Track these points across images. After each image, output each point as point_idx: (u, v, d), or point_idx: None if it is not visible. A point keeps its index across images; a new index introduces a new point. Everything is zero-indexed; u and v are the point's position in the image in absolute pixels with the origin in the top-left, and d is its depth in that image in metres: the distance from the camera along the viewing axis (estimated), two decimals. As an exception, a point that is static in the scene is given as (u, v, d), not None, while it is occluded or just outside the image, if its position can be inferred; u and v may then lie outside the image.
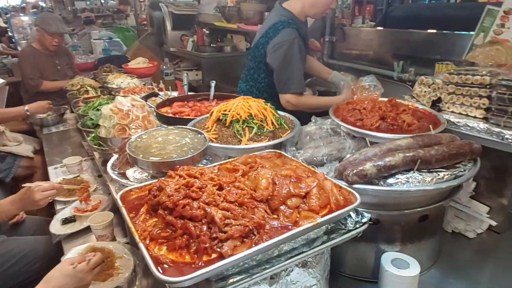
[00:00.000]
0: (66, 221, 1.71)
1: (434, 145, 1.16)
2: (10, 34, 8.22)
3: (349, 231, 1.03)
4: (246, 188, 0.99)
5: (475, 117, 1.48)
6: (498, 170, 1.49)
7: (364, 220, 1.04)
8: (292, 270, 0.99)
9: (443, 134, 1.27)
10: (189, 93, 2.62)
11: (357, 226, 1.03)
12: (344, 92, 2.15)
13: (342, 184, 1.07)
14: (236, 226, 0.86)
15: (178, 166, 1.06)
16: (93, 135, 1.96)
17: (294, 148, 1.42)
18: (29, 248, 1.80)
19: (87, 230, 1.63)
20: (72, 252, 1.43)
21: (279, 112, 1.61)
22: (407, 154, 1.10)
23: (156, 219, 0.92)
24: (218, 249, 0.83)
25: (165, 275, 0.75)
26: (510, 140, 1.33)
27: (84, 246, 1.44)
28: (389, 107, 1.52)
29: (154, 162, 1.17)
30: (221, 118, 1.44)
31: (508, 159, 1.43)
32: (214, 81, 2.27)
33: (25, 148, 3.06)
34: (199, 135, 1.33)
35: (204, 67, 4.01)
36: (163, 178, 1.01)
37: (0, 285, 1.65)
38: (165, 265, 0.80)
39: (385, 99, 1.61)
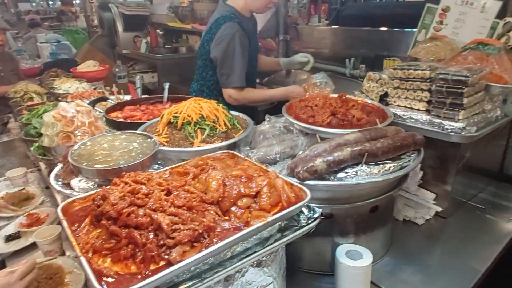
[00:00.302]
0: (10, 238, 1.59)
1: (380, 138, 1.21)
2: None
3: (302, 227, 1.03)
4: (196, 191, 0.97)
5: (418, 109, 1.56)
6: (442, 159, 1.57)
7: (316, 215, 1.05)
8: (247, 271, 0.99)
9: (389, 127, 1.32)
10: (142, 96, 2.54)
11: (309, 222, 1.04)
12: (291, 86, 2.20)
13: (294, 181, 1.08)
14: (185, 231, 0.84)
15: (124, 173, 1.01)
16: (37, 144, 1.84)
17: (248, 148, 1.42)
18: (-31, 270, 1.66)
19: (35, 246, 1.52)
20: (16, 271, 1.33)
21: (232, 112, 1.60)
22: (355, 148, 1.13)
23: (100, 230, 0.87)
24: (166, 256, 0.80)
25: (109, 289, 0.71)
26: (450, 130, 1.41)
27: (29, 263, 1.34)
28: (340, 103, 1.55)
29: (99, 170, 1.11)
30: (172, 120, 1.40)
31: (449, 148, 1.52)
32: (168, 83, 2.21)
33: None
34: (149, 139, 1.29)
35: (160, 69, 3.90)
36: (107, 187, 0.97)
37: None
38: (109, 278, 0.76)
39: (336, 95, 1.65)
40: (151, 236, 0.82)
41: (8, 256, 1.53)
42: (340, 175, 1.14)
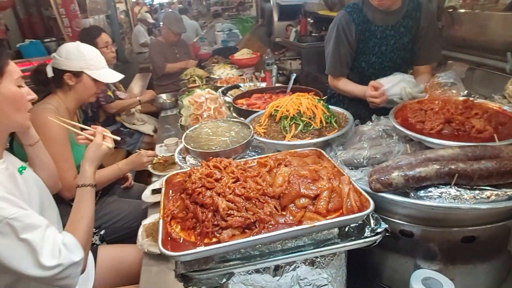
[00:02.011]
0: (155, 191, 2.07)
1: (487, 158, 1.00)
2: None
3: (363, 238, 1.00)
4: (262, 183, 1.07)
5: None
6: None
7: (380, 230, 1.00)
8: (299, 266, 1.03)
9: (509, 146, 1.07)
10: (276, 85, 2.75)
11: (372, 235, 1.00)
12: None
13: (364, 190, 1.04)
14: (237, 217, 0.95)
15: (211, 158, 1.20)
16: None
17: (341, 147, 1.40)
18: (131, 209, 2.25)
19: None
20: (150, 218, 1.76)
21: (338, 109, 1.60)
22: (443, 167, 0.98)
23: (180, 202, 1.08)
24: (218, 235, 0.94)
25: (166, 249, 0.90)
26: None
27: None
28: (461, 109, 1.33)
29: (201, 152, 1.34)
30: (273, 113, 1.52)
31: None
32: (294, 74, 2.33)
33: (147, 127, 3.72)
34: (248, 129, 1.44)
35: (304, 57, 4.02)
36: (196, 167, 1.17)
37: (108, 235, 2.13)
38: (173, 241, 0.96)
39: (462, 99, 1.41)
40: (210, 215, 0.97)
41: (151, 205, 2.01)
42: (422, 193, 1.03)
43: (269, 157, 1.26)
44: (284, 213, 1.02)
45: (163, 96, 3.89)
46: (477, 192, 0.97)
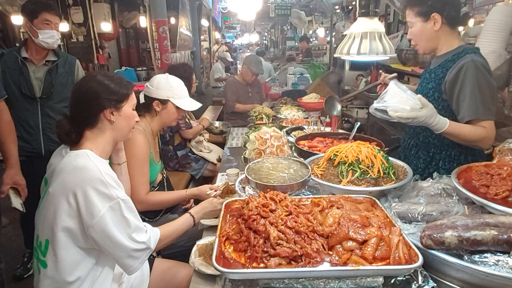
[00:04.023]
0: (211, 216, 2.21)
1: (553, 232, 0.96)
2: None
3: (408, 293, 1.00)
4: (313, 221, 1.13)
5: None
6: None
7: (426, 287, 0.99)
8: (338, 307, 1.05)
9: None
10: (339, 131, 2.81)
11: (418, 291, 1.00)
12: None
13: (414, 244, 1.05)
14: (286, 248, 1.03)
15: (268, 190, 1.30)
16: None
17: (396, 200, 1.41)
18: (188, 229, 2.40)
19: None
20: (204, 239, 1.88)
21: (398, 162, 1.61)
22: (501, 234, 0.96)
23: (235, 225, 1.19)
24: (266, 261, 1.02)
25: (218, 265, 1.00)
26: None
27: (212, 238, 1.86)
28: (532, 178, 1.28)
29: (260, 184, 1.45)
30: (332, 157, 1.59)
31: None
32: (359, 123, 2.38)
33: (212, 155, 3.96)
34: (306, 169, 1.53)
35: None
36: (254, 196, 1.28)
37: (165, 249, 2.29)
38: (225, 259, 1.05)
39: (535, 169, 1.35)
40: (261, 241, 1.06)
41: (206, 228, 2.14)
42: (476, 257, 1.00)
43: (323, 198, 1.32)
44: (331, 252, 1.06)
45: (216, 123, 4.45)
46: (538, 266, 0.93)
